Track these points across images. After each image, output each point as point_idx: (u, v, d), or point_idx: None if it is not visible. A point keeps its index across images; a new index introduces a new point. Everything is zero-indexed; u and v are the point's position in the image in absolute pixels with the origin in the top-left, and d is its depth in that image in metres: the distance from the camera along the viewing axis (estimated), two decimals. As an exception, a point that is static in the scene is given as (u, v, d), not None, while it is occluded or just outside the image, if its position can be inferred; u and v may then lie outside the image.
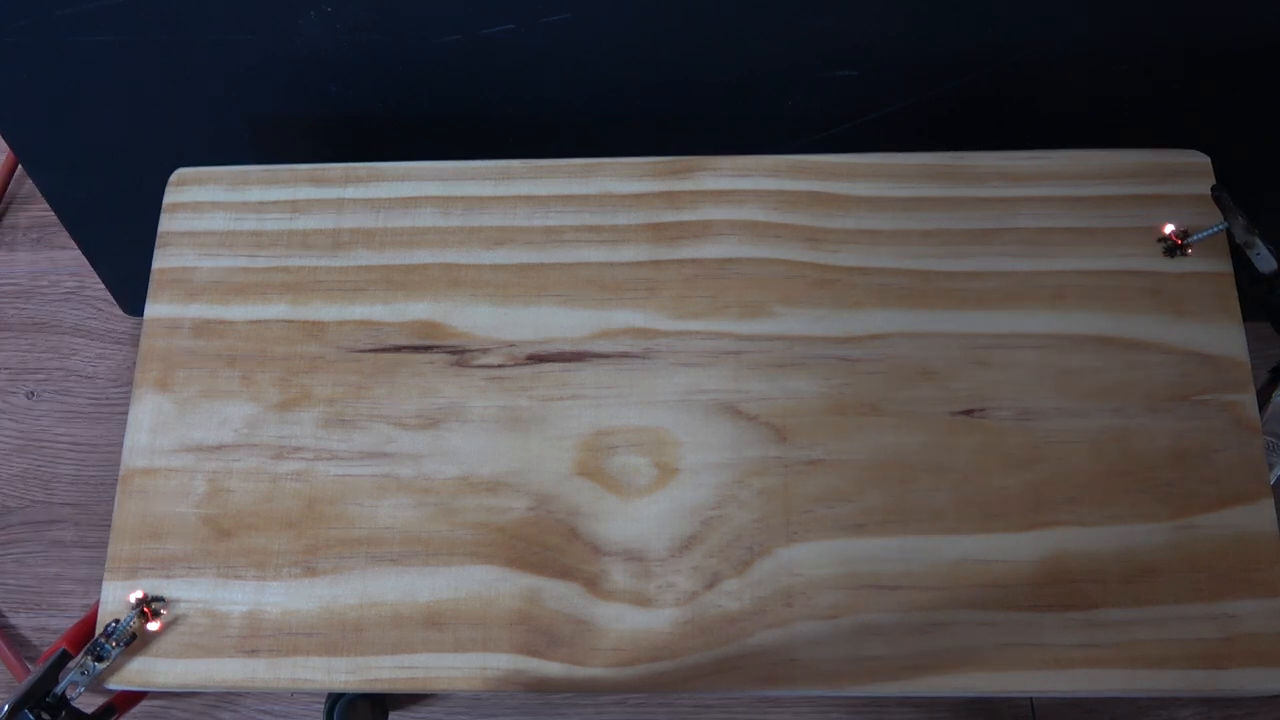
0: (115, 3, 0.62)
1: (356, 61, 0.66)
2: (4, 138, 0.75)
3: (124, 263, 0.87)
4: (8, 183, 1.02)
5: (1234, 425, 0.53)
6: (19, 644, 0.84)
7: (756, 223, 0.59)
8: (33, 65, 0.67)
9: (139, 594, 0.53)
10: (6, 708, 0.51)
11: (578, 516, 0.54)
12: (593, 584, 0.53)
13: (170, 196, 0.62)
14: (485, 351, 0.57)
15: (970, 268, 0.57)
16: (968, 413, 0.54)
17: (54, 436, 0.92)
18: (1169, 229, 0.57)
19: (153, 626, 0.53)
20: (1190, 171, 0.58)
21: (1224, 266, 0.56)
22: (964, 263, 0.57)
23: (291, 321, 0.58)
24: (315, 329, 0.58)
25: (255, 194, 0.61)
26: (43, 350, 0.95)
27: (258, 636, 0.53)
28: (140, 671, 0.52)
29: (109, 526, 0.55)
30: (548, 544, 0.53)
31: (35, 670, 0.53)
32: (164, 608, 0.53)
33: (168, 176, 0.62)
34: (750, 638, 0.51)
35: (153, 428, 0.57)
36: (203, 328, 0.58)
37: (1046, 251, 0.57)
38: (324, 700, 0.74)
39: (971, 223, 0.58)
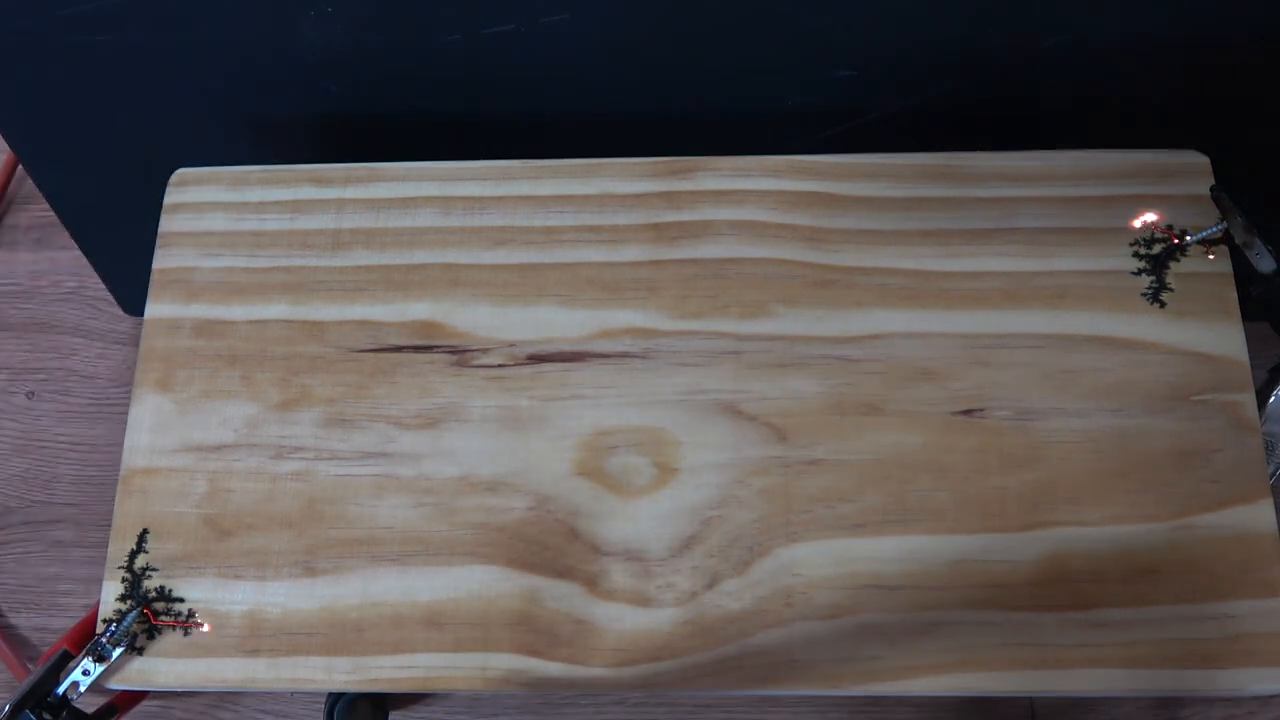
0: (115, 3, 0.62)
1: (356, 61, 0.66)
2: (4, 138, 0.75)
3: (124, 263, 0.87)
4: (8, 183, 1.02)
5: (1234, 425, 0.53)
6: (19, 644, 0.84)
7: (756, 223, 0.59)
8: (33, 65, 0.67)
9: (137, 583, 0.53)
10: (8, 708, 0.51)
11: (578, 516, 0.54)
12: (593, 584, 0.53)
13: (170, 197, 0.62)
14: (485, 351, 0.57)
15: (970, 268, 0.57)
16: (967, 413, 0.54)
17: (54, 436, 0.92)
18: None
19: (151, 636, 0.53)
20: (1190, 171, 0.58)
21: (1224, 266, 0.56)
22: (964, 263, 0.57)
23: (291, 321, 0.58)
24: (315, 329, 0.58)
25: (255, 194, 0.61)
26: (43, 350, 0.95)
27: (258, 636, 0.53)
28: (141, 671, 0.53)
29: (109, 526, 0.55)
30: (548, 544, 0.53)
31: (36, 670, 0.53)
32: (166, 608, 0.53)
33: (168, 176, 0.62)
34: (750, 638, 0.51)
35: (153, 428, 0.57)
36: (203, 328, 0.58)
37: (1046, 251, 0.57)
38: (324, 700, 0.74)
39: (971, 223, 0.58)
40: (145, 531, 0.55)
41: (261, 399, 0.57)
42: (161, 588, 0.54)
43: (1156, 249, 0.57)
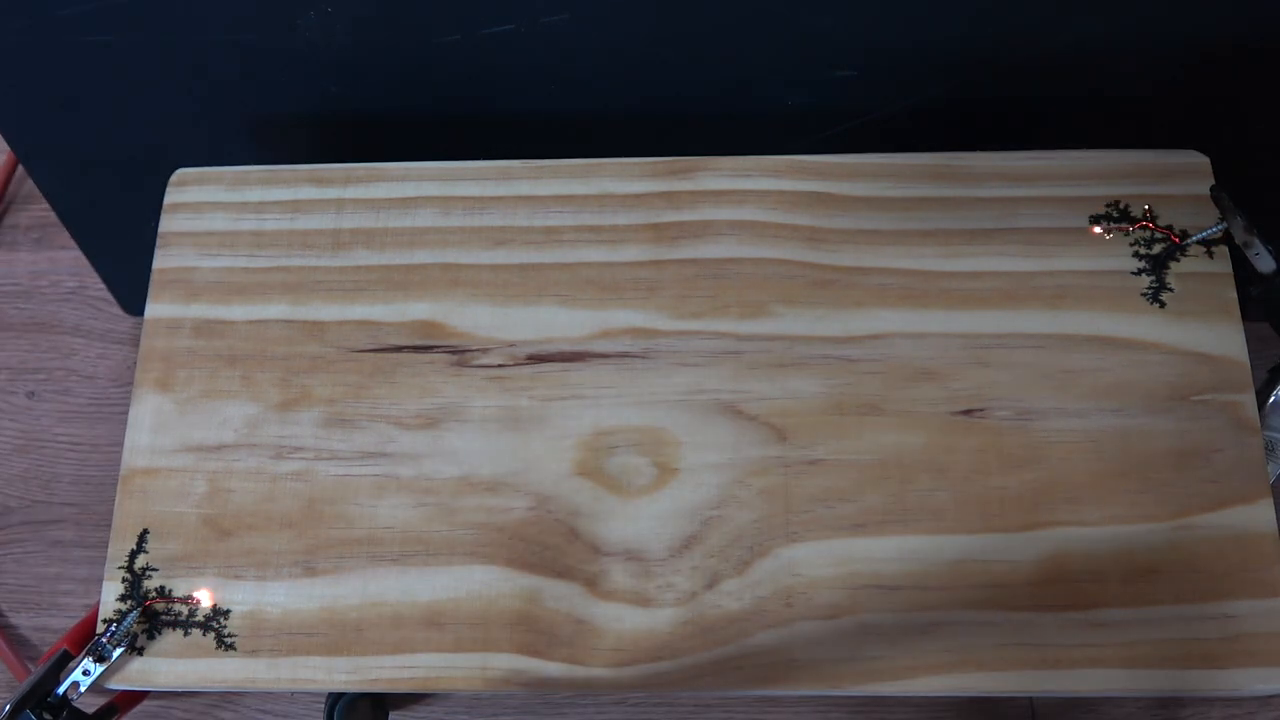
0: (115, 3, 0.62)
1: (356, 61, 0.66)
2: (4, 138, 0.75)
3: (124, 263, 0.87)
4: (8, 183, 1.02)
5: (1233, 425, 0.53)
6: (19, 644, 0.84)
7: (756, 223, 0.59)
8: (33, 65, 0.67)
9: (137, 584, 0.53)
10: (8, 708, 0.51)
11: (578, 516, 0.54)
12: (593, 584, 0.53)
13: (171, 197, 0.62)
14: (485, 351, 0.57)
15: (970, 268, 0.57)
16: (968, 413, 0.54)
17: (54, 436, 0.92)
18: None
19: (151, 639, 0.53)
20: (1190, 171, 0.58)
21: (1224, 266, 0.56)
22: (964, 263, 0.57)
23: (291, 321, 0.58)
24: (315, 329, 0.58)
25: (255, 194, 0.61)
26: (43, 350, 0.95)
27: (258, 636, 0.53)
28: (141, 671, 0.53)
29: (109, 526, 0.55)
30: (548, 544, 0.53)
31: (36, 670, 0.53)
32: (166, 609, 0.53)
33: (168, 176, 0.62)
34: (750, 638, 0.51)
35: (153, 428, 0.57)
36: (203, 328, 0.58)
37: (1046, 251, 0.57)
38: (324, 700, 0.74)
39: (971, 223, 0.58)
40: (145, 531, 0.55)
41: (261, 399, 0.57)
42: (162, 588, 0.54)
43: (1156, 249, 0.57)
